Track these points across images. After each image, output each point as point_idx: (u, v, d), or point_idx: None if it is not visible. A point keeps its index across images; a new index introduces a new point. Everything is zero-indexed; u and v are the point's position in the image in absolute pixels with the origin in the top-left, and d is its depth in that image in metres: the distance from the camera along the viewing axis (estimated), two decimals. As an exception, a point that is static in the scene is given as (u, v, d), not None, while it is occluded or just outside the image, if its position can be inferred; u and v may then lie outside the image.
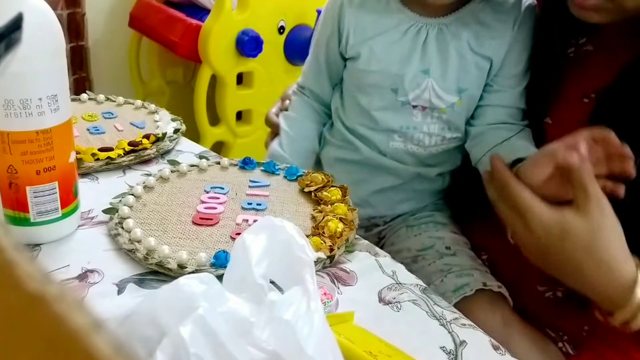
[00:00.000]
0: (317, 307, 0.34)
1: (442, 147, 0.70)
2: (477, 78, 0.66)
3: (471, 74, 0.66)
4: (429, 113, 0.67)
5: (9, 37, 0.27)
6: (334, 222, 0.54)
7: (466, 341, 0.44)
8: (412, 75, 0.66)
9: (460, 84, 0.66)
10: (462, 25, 0.65)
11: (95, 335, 0.13)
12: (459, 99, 0.66)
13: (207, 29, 1.51)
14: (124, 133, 0.73)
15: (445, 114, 0.67)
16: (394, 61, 0.66)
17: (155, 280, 0.48)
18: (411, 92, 0.66)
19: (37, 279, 0.14)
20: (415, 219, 0.74)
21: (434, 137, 0.69)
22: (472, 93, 0.67)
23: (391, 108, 0.68)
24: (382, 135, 0.71)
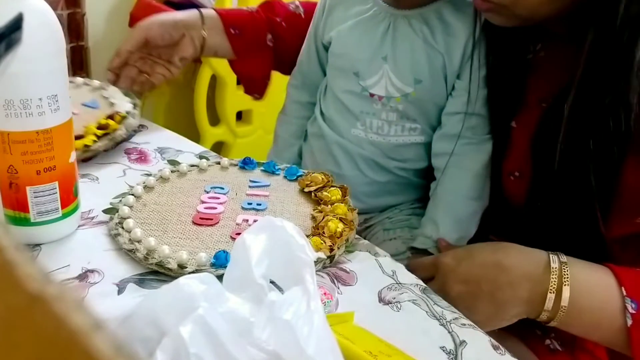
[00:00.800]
0: (317, 307, 0.34)
1: (402, 138, 0.71)
2: (431, 72, 0.67)
3: (426, 67, 0.67)
4: (385, 103, 0.70)
5: (9, 37, 0.27)
6: (334, 222, 0.54)
7: (466, 341, 0.45)
8: (370, 60, 0.69)
9: (416, 75, 0.68)
10: (424, 20, 0.67)
11: (96, 335, 0.13)
12: (413, 90, 0.68)
13: (207, 29, 1.51)
14: (81, 116, 0.69)
15: (400, 104, 0.69)
16: (355, 45, 0.70)
17: (156, 280, 0.48)
18: (369, 78, 0.69)
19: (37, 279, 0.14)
20: (392, 223, 0.75)
21: (393, 125, 0.71)
22: (426, 86, 0.68)
23: (353, 92, 0.71)
24: (346, 122, 0.73)
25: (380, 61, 0.68)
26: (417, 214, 0.75)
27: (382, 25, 0.68)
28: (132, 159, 0.69)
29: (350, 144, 0.74)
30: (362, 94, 0.70)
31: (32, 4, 0.44)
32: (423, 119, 0.71)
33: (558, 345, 0.60)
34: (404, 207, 0.76)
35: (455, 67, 0.67)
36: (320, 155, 0.78)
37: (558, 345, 0.60)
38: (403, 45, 0.67)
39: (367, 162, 0.74)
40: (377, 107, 0.70)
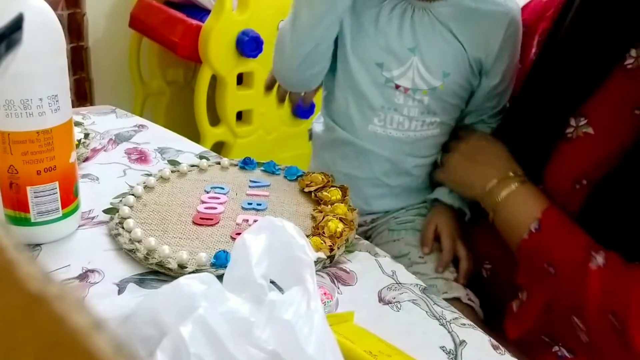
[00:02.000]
0: (317, 307, 0.34)
1: (422, 132, 0.70)
2: (459, 66, 0.67)
3: (454, 61, 0.67)
4: (410, 95, 0.67)
5: (9, 38, 0.27)
6: (334, 222, 0.54)
7: (466, 341, 0.45)
8: (398, 51, 0.66)
9: (445, 68, 0.66)
10: (448, 13, 0.66)
11: (96, 335, 0.13)
12: (441, 83, 0.67)
13: (207, 29, 1.51)
14: None
15: (426, 96, 0.68)
16: (381, 34, 0.67)
17: (156, 280, 0.48)
18: (395, 69, 0.67)
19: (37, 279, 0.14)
20: (397, 223, 0.75)
21: (414, 121, 0.69)
22: (454, 80, 0.67)
23: (375, 84, 0.68)
24: (363, 118, 0.70)
25: (407, 52, 0.66)
26: (423, 214, 0.75)
27: (407, 14, 0.66)
28: (132, 159, 0.69)
29: (366, 143, 0.71)
30: (387, 85, 0.67)
31: (32, 4, 0.44)
32: (444, 112, 0.70)
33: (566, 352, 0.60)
34: (411, 207, 0.76)
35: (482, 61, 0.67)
36: (329, 157, 0.76)
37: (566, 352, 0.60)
38: (431, 36, 0.66)
39: (382, 165, 0.72)
40: (399, 101, 0.68)
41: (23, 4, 0.43)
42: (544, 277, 0.55)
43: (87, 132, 0.73)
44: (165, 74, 1.91)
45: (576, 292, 0.53)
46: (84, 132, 0.73)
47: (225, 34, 1.52)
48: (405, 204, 0.76)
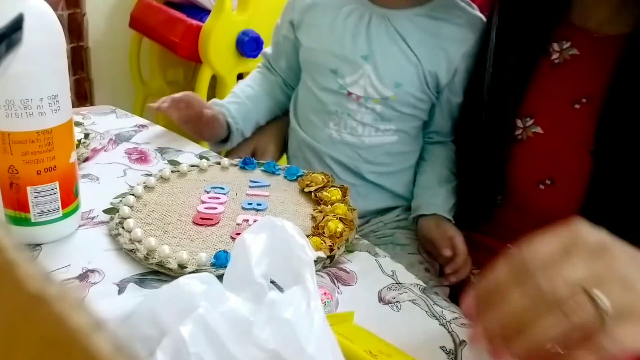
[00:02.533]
0: (317, 306, 0.34)
1: (376, 138, 0.70)
2: (412, 78, 0.67)
3: (407, 72, 0.66)
4: (363, 103, 0.68)
5: (9, 38, 0.27)
6: (334, 222, 0.54)
7: (466, 341, 0.45)
8: (351, 58, 0.67)
9: (397, 79, 0.66)
10: (407, 23, 0.65)
11: (96, 335, 0.13)
12: (393, 93, 0.67)
13: (207, 29, 1.51)
14: None
15: (379, 105, 0.68)
16: (335, 41, 0.67)
17: (156, 280, 0.48)
18: (348, 76, 0.67)
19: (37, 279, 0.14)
20: (376, 237, 0.73)
21: (367, 127, 0.70)
22: (407, 91, 0.67)
23: (330, 90, 0.69)
24: (320, 121, 0.72)
25: (360, 60, 0.66)
26: (402, 227, 0.74)
27: (363, 21, 0.66)
28: (132, 159, 0.70)
29: (323, 147, 0.72)
30: (340, 92, 0.68)
31: (32, 4, 0.44)
32: (399, 120, 0.70)
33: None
34: (389, 220, 0.75)
35: (439, 76, 0.67)
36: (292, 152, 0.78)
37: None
38: (385, 46, 0.65)
39: (339, 169, 0.73)
40: (353, 107, 0.69)
41: (23, 4, 0.43)
42: None
43: (87, 132, 0.73)
44: (166, 74, 1.91)
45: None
46: (84, 132, 0.73)
47: (225, 34, 1.52)
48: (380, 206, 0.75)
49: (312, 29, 0.70)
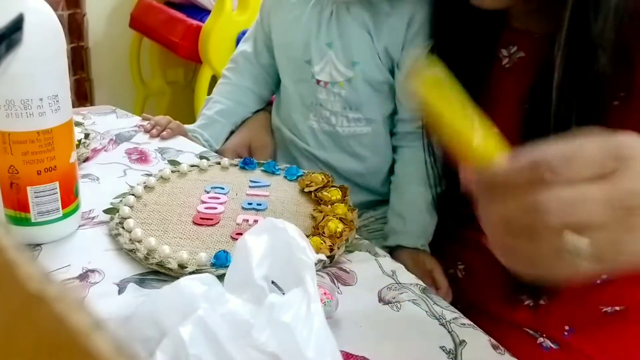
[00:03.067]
0: (317, 309, 0.34)
1: (349, 129, 0.73)
2: (365, 54, 0.69)
3: (362, 50, 0.68)
4: (330, 89, 0.71)
5: (10, 38, 0.27)
6: (334, 222, 0.54)
7: (466, 341, 0.45)
8: (317, 47, 0.70)
9: (354, 58, 0.69)
10: (364, 6, 0.68)
11: (96, 335, 0.13)
12: (353, 73, 0.69)
13: (207, 29, 1.51)
14: None
15: (343, 89, 0.70)
16: (304, 32, 0.71)
17: (156, 280, 0.48)
18: (316, 65, 0.71)
19: (37, 279, 0.14)
20: (368, 232, 0.74)
21: (339, 116, 0.72)
22: (364, 69, 0.69)
23: (305, 81, 0.72)
24: (301, 115, 0.75)
25: (325, 47, 0.70)
26: None
27: (326, 12, 0.70)
28: (132, 159, 0.70)
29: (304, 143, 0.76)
30: (311, 81, 0.72)
31: (32, 4, 0.44)
32: (365, 107, 0.71)
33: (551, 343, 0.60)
34: (379, 216, 0.76)
35: (390, 51, 0.68)
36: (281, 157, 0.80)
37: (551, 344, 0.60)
38: (344, 30, 0.69)
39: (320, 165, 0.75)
40: (322, 96, 0.72)
41: (23, 4, 0.43)
42: None
43: (88, 132, 0.73)
44: (166, 74, 1.91)
45: None
46: (84, 132, 0.73)
47: (225, 34, 1.52)
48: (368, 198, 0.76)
49: (282, 26, 0.74)
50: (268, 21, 0.77)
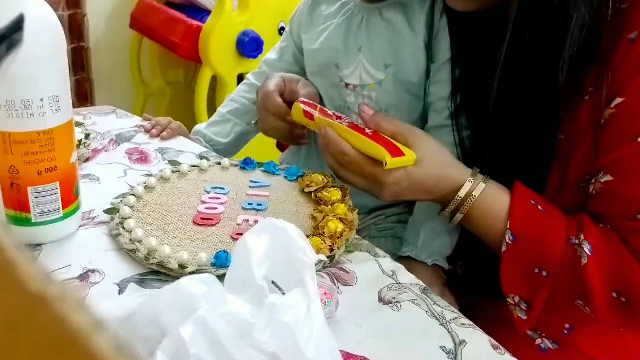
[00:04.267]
0: (317, 309, 0.34)
1: None
2: (398, 56, 0.68)
3: (394, 52, 0.68)
4: (359, 92, 0.71)
5: (10, 38, 0.27)
6: (334, 222, 0.54)
7: (465, 340, 0.45)
8: (347, 52, 0.71)
9: (386, 60, 0.69)
10: (394, 8, 0.69)
11: (96, 335, 0.13)
12: (385, 75, 0.69)
13: (207, 29, 1.51)
14: None
15: (374, 92, 0.70)
16: (335, 39, 0.72)
17: (156, 280, 0.48)
18: (346, 69, 0.71)
19: (38, 279, 0.14)
20: (378, 230, 0.74)
21: None
22: (395, 70, 0.68)
23: (334, 85, 0.73)
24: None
25: (356, 52, 0.70)
26: (403, 221, 0.73)
27: (357, 18, 0.71)
28: (132, 159, 0.70)
29: None
30: (340, 85, 0.72)
31: (33, 4, 0.44)
32: (396, 108, 0.71)
33: (549, 343, 0.60)
34: (390, 213, 0.75)
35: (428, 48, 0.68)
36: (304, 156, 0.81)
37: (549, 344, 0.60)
38: (375, 34, 0.69)
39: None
40: (351, 99, 0.71)
41: (24, 4, 0.43)
42: (538, 281, 0.55)
43: (88, 132, 0.73)
44: (166, 74, 1.91)
45: (576, 287, 0.53)
46: (84, 132, 0.73)
47: (225, 34, 1.52)
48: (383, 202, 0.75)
49: (314, 36, 0.74)
50: (298, 32, 0.78)
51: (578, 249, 0.52)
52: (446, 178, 0.58)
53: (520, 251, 0.55)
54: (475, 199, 0.57)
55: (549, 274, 0.54)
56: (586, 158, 0.55)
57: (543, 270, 0.54)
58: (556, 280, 0.54)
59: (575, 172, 0.57)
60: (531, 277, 0.55)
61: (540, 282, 0.54)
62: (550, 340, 0.61)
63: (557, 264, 0.53)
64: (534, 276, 0.54)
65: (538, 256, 0.54)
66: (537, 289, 0.55)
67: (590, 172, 0.55)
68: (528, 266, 0.55)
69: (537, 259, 0.54)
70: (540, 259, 0.54)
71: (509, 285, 0.56)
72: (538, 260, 0.54)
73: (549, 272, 0.54)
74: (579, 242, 0.53)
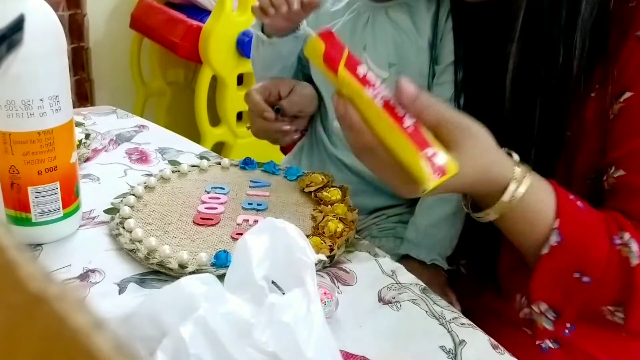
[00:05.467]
0: (317, 309, 0.34)
1: None
2: (402, 55, 0.68)
3: (399, 51, 0.68)
4: None
5: (10, 38, 0.27)
6: (334, 222, 0.54)
7: (465, 340, 0.45)
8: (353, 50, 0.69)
9: (390, 59, 0.69)
10: (400, 7, 0.69)
11: (97, 335, 0.13)
12: (388, 74, 0.69)
13: (207, 30, 1.51)
14: None
15: None
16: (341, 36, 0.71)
17: (156, 280, 0.48)
18: None
19: (38, 279, 0.14)
20: (379, 230, 0.74)
21: None
22: (400, 69, 0.69)
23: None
24: (331, 118, 0.75)
25: (361, 51, 0.70)
26: (404, 222, 0.73)
27: (364, 17, 0.71)
28: (133, 160, 0.70)
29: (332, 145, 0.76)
30: None
31: (33, 5, 0.44)
32: None
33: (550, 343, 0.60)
34: (392, 213, 0.75)
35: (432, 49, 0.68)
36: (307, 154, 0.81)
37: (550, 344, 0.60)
38: (380, 33, 0.70)
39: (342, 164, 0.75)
40: None
41: (24, 5, 0.43)
42: (576, 288, 0.50)
43: (88, 133, 0.73)
44: (166, 75, 1.91)
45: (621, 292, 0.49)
46: (84, 132, 0.73)
47: (225, 34, 1.52)
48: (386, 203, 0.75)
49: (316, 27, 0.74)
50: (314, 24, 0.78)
51: (624, 249, 0.49)
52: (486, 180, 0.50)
53: (563, 254, 0.49)
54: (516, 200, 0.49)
55: (591, 279, 0.49)
56: (592, 155, 0.54)
57: (585, 275, 0.49)
58: (598, 285, 0.49)
59: (582, 169, 0.56)
60: (569, 284, 0.50)
61: (578, 288, 0.50)
62: (551, 339, 0.61)
63: (602, 268, 0.49)
64: (572, 282, 0.50)
65: (581, 260, 0.49)
66: (572, 296, 0.51)
67: (600, 167, 0.54)
68: (568, 271, 0.50)
69: (579, 263, 0.49)
70: (584, 262, 0.49)
71: (541, 291, 0.51)
72: (580, 265, 0.49)
73: (592, 277, 0.49)
74: (622, 242, 0.49)
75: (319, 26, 0.75)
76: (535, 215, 0.50)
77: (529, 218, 0.50)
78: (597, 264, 0.49)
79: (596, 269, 0.49)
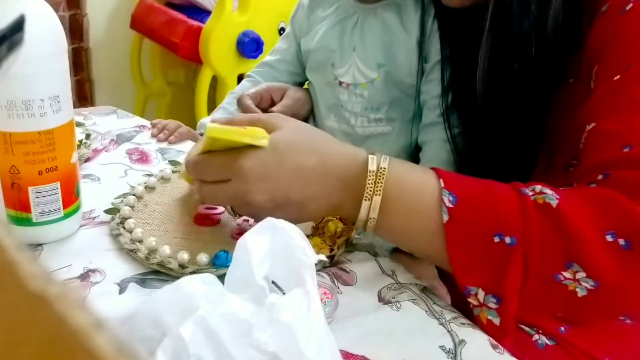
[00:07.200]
0: (317, 309, 0.34)
1: (369, 129, 0.73)
2: (391, 55, 0.69)
3: (387, 51, 0.69)
4: (352, 90, 0.72)
5: (11, 39, 0.27)
6: (334, 222, 0.54)
7: (465, 340, 0.45)
8: (342, 52, 0.72)
9: (379, 60, 0.70)
10: (388, 8, 0.70)
11: (97, 335, 0.13)
12: (377, 74, 0.70)
13: (208, 30, 1.52)
14: None
15: (366, 90, 0.71)
16: (331, 38, 0.74)
17: (157, 280, 0.48)
18: (340, 68, 0.72)
19: (39, 279, 0.14)
20: None
21: (359, 117, 0.73)
22: (388, 69, 0.70)
23: (329, 83, 0.74)
24: (324, 116, 0.77)
25: (350, 52, 0.71)
26: None
27: (352, 18, 0.72)
28: (133, 159, 0.70)
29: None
30: (334, 83, 0.73)
31: (33, 5, 0.44)
32: (387, 107, 0.72)
33: (547, 340, 0.60)
34: None
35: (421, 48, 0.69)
36: None
37: (547, 340, 0.60)
38: (369, 34, 0.71)
39: None
40: (344, 97, 0.73)
41: (24, 5, 0.43)
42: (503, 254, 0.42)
43: (89, 133, 0.73)
44: (166, 75, 1.91)
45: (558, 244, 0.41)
46: (85, 132, 0.73)
47: (225, 35, 1.52)
48: None
49: (311, 35, 0.76)
50: (300, 34, 0.79)
51: (539, 197, 0.42)
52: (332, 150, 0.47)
53: (467, 216, 0.43)
54: (387, 172, 0.45)
55: (514, 238, 0.41)
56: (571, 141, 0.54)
57: (506, 235, 0.41)
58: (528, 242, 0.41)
59: (562, 156, 0.56)
60: (492, 252, 0.42)
61: (506, 254, 0.41)
62: (547, 336, 0.61)
63: (520, 221, 0.41)
64: (495, 249, 0.42)
65: (490, 217, 0.42)
66: (504, 266, 0.42)
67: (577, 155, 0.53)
68: (484, 236, 0.42)
69: (492, 223, 0.42)
70: (494, 220, 0.42)
71: (465, 271, 0.43)
72: (494, 224, 0.42)
73: (515, 235, 0.41)
74: (535, 192, 0.43)
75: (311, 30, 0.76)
76: (415, 188, 0.45)
77: (413, 191, 0.45)
78: (511, 217, 0.42)
79: (514, 224, 0.42)
